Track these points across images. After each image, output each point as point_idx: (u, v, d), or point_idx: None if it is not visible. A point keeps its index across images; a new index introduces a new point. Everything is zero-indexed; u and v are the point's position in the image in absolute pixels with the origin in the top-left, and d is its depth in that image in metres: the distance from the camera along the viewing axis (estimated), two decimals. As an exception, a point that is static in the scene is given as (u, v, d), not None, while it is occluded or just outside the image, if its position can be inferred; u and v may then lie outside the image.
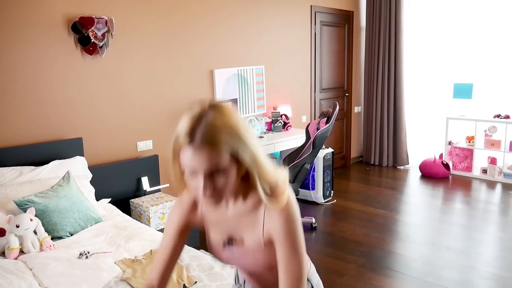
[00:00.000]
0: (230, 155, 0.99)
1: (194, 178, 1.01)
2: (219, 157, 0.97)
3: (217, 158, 0.97)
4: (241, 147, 1.00)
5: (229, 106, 1.03)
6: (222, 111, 1.00)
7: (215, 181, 1.00)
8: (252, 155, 1.02)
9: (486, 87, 5.85)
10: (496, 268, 3.36)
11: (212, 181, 1.00)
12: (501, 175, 5.64)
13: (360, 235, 4.00)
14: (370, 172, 6.28)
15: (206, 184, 0.99)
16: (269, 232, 1.10)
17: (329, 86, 6.09)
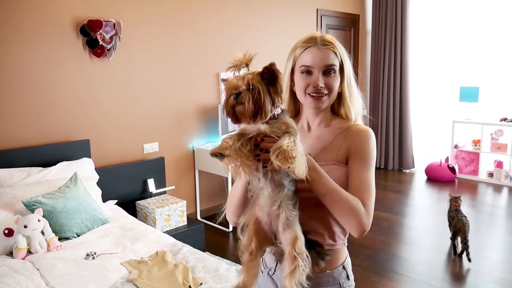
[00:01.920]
0: (339, 63, 1.22)
1: (307, 76, 1.21)
2: (333, 58, 1.21)
3: (332, 58, 1.21)
4: (346, 61, 1.23)
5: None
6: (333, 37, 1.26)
7: (327, 79, 1.20)
8: (350, 75, 1.25)
9: (493, 90, 5.83)
10: (502, 272, 3.35)
11: (325, 78, 1.20)
12: (508, 178, 5.61)
13: (365, 239, 3.99)
14: (376, 176, 6.25)
15: (320, 78, 1.19)
16: (346, 150, 1.22)
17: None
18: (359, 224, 1.10)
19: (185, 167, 4.30)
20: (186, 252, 2.43)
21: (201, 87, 4.32)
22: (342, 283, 1.26)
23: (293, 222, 1.11)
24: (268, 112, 1.04)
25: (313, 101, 1.22)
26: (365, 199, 1.13)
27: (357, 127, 1.25)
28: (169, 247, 2.53)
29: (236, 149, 1.02)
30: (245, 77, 1.03)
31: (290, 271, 1.08)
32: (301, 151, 1.03)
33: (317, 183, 1.11)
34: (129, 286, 2.07)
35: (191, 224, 3.66)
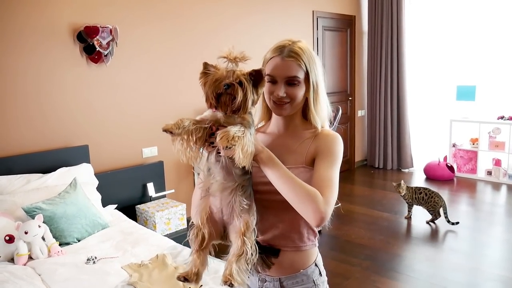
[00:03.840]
0: (305, 74, 1.26)
1: (272, 85, 1.26)
2: (297, 69, 1.25)
3: (296, 70, 1.24)
4: (313, 70, 1.27)
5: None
6: (305, 43, 1.31)
7: (289, 89, 1.25)
8: (316, 83, 1.28)
9: (489, 88, 5.86)
10: (502, 269, 3.36)
11: (287, 88, 1.25)
12: (506, 176, 5.63)
13: (364, 238, 4.01)
14: (375, 176, 6.29)
15: (282, 88, 1.24)
16: (313, 153, 1.26)
17: (332, 90, 6.11)
18: (316, 211, 1.10)
19: (184, 170, 4.31)
20: (186, 255, 2.44)
21: (199, 90, 4.30)
22: (315, 280, 1.33)
23: (246, 212, 1.17)
24: (248, 110, 1.14)
25: (275, 108, 1.29)
26: (324, 191, 1.15)
27: (326, 132, 1.31)
28: (169, 250, 2.54)
29: (188, 130, 1.10)
30: (235, 72, 1.11)
31: (236, 256, 1.14)
32: (249, 141, 1.09)
33: (275, 173, 1.14)
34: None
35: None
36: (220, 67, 1.14)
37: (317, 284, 1.33)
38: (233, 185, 1.17)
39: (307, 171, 1.24)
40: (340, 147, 1.28)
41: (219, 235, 1.24)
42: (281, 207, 1.21)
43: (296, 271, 1.30)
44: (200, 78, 1.17)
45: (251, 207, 1.19)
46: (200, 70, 1.17)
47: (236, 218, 1.19)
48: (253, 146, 1.12)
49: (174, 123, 1.10)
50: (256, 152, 1.14)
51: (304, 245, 1.31)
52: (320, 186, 1.16)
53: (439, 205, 4.21)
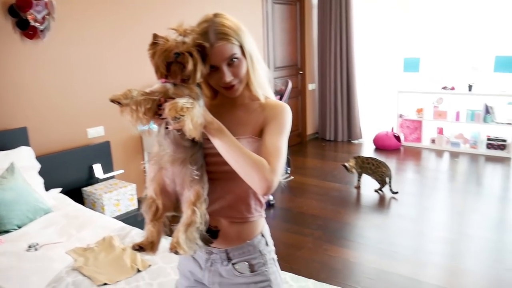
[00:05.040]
0: (240, 48, 1.20)
1: (215, 72, 1.20)
2: (231, 47, 1.19)
3: (230, 48, 1.19)
4: (245, 41, 1.22)
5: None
6: (224, 15, 1.24)
7: (233, 69, 1.20)
8: (250, 51, 1.23)
9: (433, 60, 6.06)
10: (444, 231, 3.55)
11: (231, 69, 1.20)
12: (449, 144, 5.90)
13: (316, 209, 4.09)
14: (326, 148, 6.41)
15: (227, 72, 1.19)
16: (262, 123, 1.25)
17: (282, 64, 6.10)
18: (262, 179, 1.11)
19: (132, 150, 4.19)
20: (134, 235, 2.39)
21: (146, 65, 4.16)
22: (261, 250, 1.33)
23: (197, 182, 1.18)
24: (197, 80, 1.15)
25: (227, 92, 1.26)
26: (271, 159, 1.15)
27: (274, 102, 1.30)
28: (116, 232, 2.47)
29: (137, 101, 1.10)
30: (185, 43, 1.12)
31: (185, 225, 1.15)
32: (198, 113, 1.10)
33: (224, 144, 1.14)
34: (74, 274, 2.01)
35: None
36: (169, 38, 1.14)
37: (264, 254, 1.33)
38: (183, 157, 1.17)
39: (255, 141, 1.24)
40: (288, 117, 1.28)
41: (173, 207, 1.24)
42: (229, 178, 1.21)
43: (243, 242, 1.30)
44: (149, 49, 1.15)
45: (202, 178, 1.20)
46: (149, 42, 1.16)
47: (187, 189, 1.20)
48: (202, 117, 1.11)
49: (122, 93, 1.11)
50: (206, 123, 1.13)
51: (251, 216, 1.31)
52: (267, 155, 1.17)
53: (386, 174, 4.35)
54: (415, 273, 2.91)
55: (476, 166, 5.23)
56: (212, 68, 1.20)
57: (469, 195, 4.28)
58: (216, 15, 1.24)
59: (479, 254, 3.15)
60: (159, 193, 1.22)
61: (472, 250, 3.22)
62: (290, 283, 2.85)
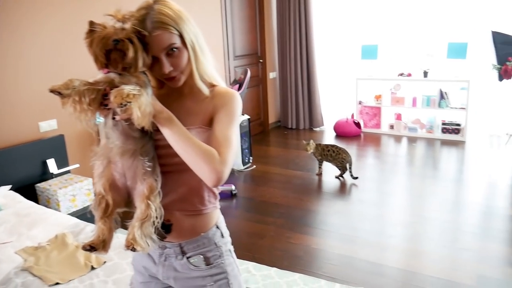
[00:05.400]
0: (179, 36, 1.14)
1: (155, 63, 1.14)
2: (169, 37, 1.12)
3: (168, 38, 1.12)
4: (184, 28, 1.15)
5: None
6: (165, 2, 1.16)
7: (173, 60, 1.15)
8: (191, 39, 1.17)
9: (390, 47, 6.17)
10: (403, 215, 3.63)
11: (170, 60, 1.14)
12: (406, 129, 6.05)
13: (279, 197, 4.10)
14: (288, 136, 6.43)
15: (166, 63, 1.14)
16: (211, 112, 1.21)
17: (242, 53, 6.05)
18: (212, 170, 1.09)
19: (89, 143, 4.02)
20: (89, 232, 2.30)
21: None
22: (217, 242, 1.31)
23: (149, 175, 1.14)
24: (139, 69, 1.09)
25: (170, 83, 1.21)
26: (221, 149, 1.13)
27: (223, 90, 1.26)
28: (70, 229, 2.38)
29: (79, 91, 1.04)
30: (124, 29, 1.07)
31: (140, 220, 1.11)
32: (146, 101, 1.05)
33: (174, 135, 1.11)
34: (24, 275, 1.91)
35: (99, 202, 3.47)
36: (107, 25, 1.07)
37: (219, 246, 1.31)
38: (133, 148, 1.13)
39: (204, 131, 1.20)
40: (237, 105, 1.24)
41: (124, 202, 1.19)
42: (180, 170, 1.17)
43: (197, 234, 1.27)
44: (86, 38, 1.09)
45: (154, 170, 1.16)
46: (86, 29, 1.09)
47: (139, 182, 1.15)
48: (151, 106, 1.07)
49: (63, 83, 1.05)
50: (155, 112, 1.08)
51: (205, 208, 1.28)
52: (218, 145, 1.14)
53: (346, 161, 4.41)
54: (376, 257, 2.96)
55: (433, 150, 5.38)
56: (152, 58, 1.14)
57: (426, 179, 4.40)
58: (156, 1, 1.16)
59: (436, 235, 3.24)
60: (109, 189, 1.16)
61: (430, 232, 3.31)
62: (253, 272, 2.85)
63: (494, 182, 4.25)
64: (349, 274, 2.77)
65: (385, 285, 2.65)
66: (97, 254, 1.20)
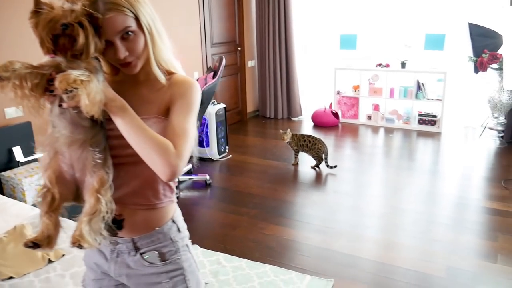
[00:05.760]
0: (135, 19, 1.07)
1: (109, 47, 1.06)
2: (124, 19, 1.05)
3: (123, 20, 1.05)
4: (140, 10, 1.08)
5: None
6: None
7: (128, 44, 1.07)
8: (148, 22, 1.10)
9: (369, 37, 6.14)
10: (378, 206, 3.63)
11: (125, 44, 1.07)
12: (383, 120, 6.06)
13: (254, 187, 4.05)
14: (266, 126, 6.37)
15: (122, 47, 1.06)
16: (168, 102, 1.14)
17: (220, 40, 5.93)
18: (166, 163, 1.03)
19: (58, 131, 3.90)
20: (50, 223, 2.21)
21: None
22: (173, 237, 1.24)
23: (100, 167, 1.07)
24: (91, 55, 1.01)
25: (125, 69, 1.14)
26: (177, 142, 1.07)
27: (181, 78, 1.19)
28: (30, 220, 2.28)
29: (20, 74, 0.95)
30: (74, 11, 0.97)
31: (89, 214, 1.04)
32: (96, 88, 0.97)
33: (127, 125, 1.04)
34: (-23, 269, 1.82)
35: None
36: (55, 6, 0.98)
37: (175, 241, 1.24)
38: (82, 139, 1.05)
39: (160, 121, 1.13)
40: (196, 94, 1.18)
41: (72, 195, 1.12)
42: (133, 162, 1.10)
43: (151, 229, 1.20)
44: (31, 18, 0.98)
45: (105, 162, 1.08)
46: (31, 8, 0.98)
47: (89, 175, 1.08)
48: (102, 93, 0.99)
49: (1, 65, 0.94)
50: (107, 100, 1.01)
51: (159, 202, 1.21)
52: (173, 137, 1.08)
53: (322, 151, 4.39)
54: (350, 248, 2.95)
55: (409, 141, 5.40)
56: (106, 43, 1.06)
57: (402, 170, 4.41)
58: None
59: (409, 227, 3.24)
60: (55, 181, 1.08)
61: (404, 223, 3.31)
62: (223, 263, 2.80)
63: (468, 174, 4.29)
64: (321, 266, 2.75)
65: (356, 276, 2.63)
66: (41, 251, 1.12)
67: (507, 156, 4.69)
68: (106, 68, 1.16)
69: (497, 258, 2.75)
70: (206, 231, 3.21)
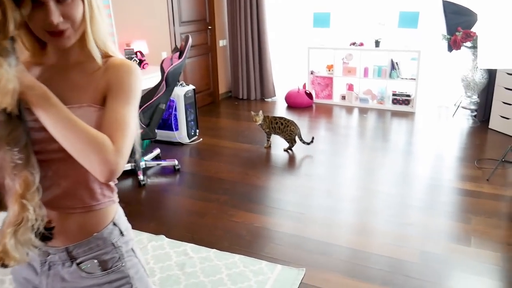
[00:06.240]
0: None
1: (39, 9, 0.89)
2: None
3: None
4: None
5: None
6: None
7: (64, 8, 0.91)
8: None
9: (343, 15, 5.99)
10: (351, 189, 3.54)
11: (60, 8, 0.90)
12: (358, 100, 5.97)
13: (224, 172, 3.91)
14: (239, 107, 6.21)
15: (55, 11, 0.89)
16: (104, 88, 0.99)
17: (189, 19, 5.68)
18: (103, 161, 0.88)
19: None
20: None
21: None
22: (115, 242, 1.08)
23: (22, 168, 0.90)
24: (10, 34, 0.84)
25: (54, 40, 0.95)
26: (115, 136, 0.92)
27: (119, 61, 1.03)
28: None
29: None
30: None
31: (13, 225, 0.88)
32: (8, 74, 0.82)
33: (51, 116, 0.88)
34: None
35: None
36: None
37: (118, 247, 1.08)
38: None
39: (96, 110, 0.97)
40: (136, 80, 1.02)
41: None
42: (62, 159, 0.94)
43: (88, 235, 1.04)
44: None
45: (28, 161, 0.91)
46: None
47: (9, 178, 0.91)
48: (16, 80, 0.83)
49: None
50: (23, 88, 0.85)
51: (97, 203, 1.05)
52: (111, 130, 0.93)
53: (295, 133, 4.27)
54: (323, 235, 2.85)
55: (383, 122, 5.34)
56: (34, 2, 0.87)
57: (376, 151, 4.34)
58: None
59: (384, 210, 3.17)
60: None
61: (377, 207, 3.24)
62: (191, 254, 2.67)
63: (442, 154, 4.25)
64: (293, 254, 2.64)
65: (328, 264, 2.54)
66: None
67: (480, 136, 4.68)
68: (27, 43, 0.98)
69: (470, 241, 2.71)
70: (173, 220, 3.06)
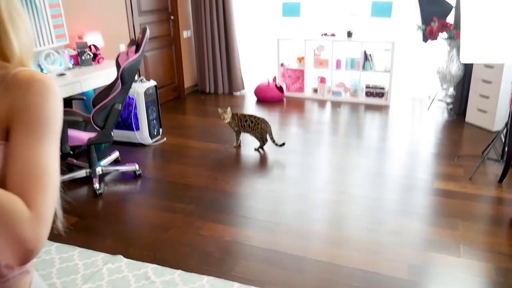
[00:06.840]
0: None
1: None
2: None
3: None
4: None
5: None
6: None
7: None
8: None
9: (313, 5, 5.71)
10: (326, 193, 3.29)
11: None
12: (330, 93, 5.74)
13: (191, 177, 3.59)
14: (206, 102, 5.86)
15: None
16: (6, 116, 0.69)
17: (150, 8, 5.27)
18: (15, 240, 0.59)
19: None
20: None
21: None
22: None
23: None
24: None
25: None
26: (31, 195, 0.63)
27: (28, 76, 0.72)
28: None
29: None
30: None
31: None
32: None
33: None
34: None
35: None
36: None
37: None
38: None
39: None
40: (54, 103, 0.72)
41: None
42: None
43: None
44: None
45: None
46: None
47: None
48: None
49: None
50: None
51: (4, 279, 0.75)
52: (23, 185, 0.63)
53: (265, 131, 3.99)
54: (298, 248, 2.59)
55: (357, 116, 5.12)
56: None
57: (350, 149, 4.11)
58: None
59: (361, 217, 2.92)
60: None
61: (355, 213, 2.98)
62: (152, 278, 2.35)
63: (419, 151, 4.05)
64: (267, 273, 2.37)
65: (306, 284, 2.28)
66: None
67: (457, 130, 4.53)
68: None
69: (459, 251, 2.50)
70: (133, 236, 2.72)
